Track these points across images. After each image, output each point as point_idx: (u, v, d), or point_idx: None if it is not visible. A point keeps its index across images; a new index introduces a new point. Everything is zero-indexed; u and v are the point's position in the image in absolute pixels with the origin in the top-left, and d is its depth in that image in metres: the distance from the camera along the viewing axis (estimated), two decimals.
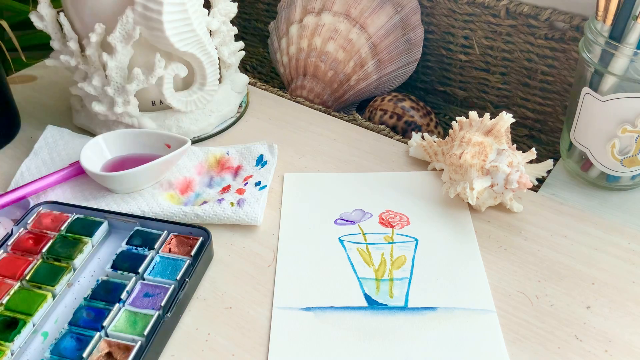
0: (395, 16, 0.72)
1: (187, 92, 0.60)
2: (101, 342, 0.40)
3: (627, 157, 0.50)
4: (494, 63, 0.73)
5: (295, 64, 0.74)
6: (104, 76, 0.57)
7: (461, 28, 0.72)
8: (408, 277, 0.46)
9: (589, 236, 0.50)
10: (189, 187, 0.55)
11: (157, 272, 0.45)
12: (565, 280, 0.46)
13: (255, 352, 0.41)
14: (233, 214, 0.50)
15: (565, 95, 0.69)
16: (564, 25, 0.64)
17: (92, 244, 0.47)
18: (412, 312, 0.43)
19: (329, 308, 0.44)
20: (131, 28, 0.53)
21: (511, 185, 0.49)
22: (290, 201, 0.54)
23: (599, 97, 0.49)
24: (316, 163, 0.59)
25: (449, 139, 0.55)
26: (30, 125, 0.65)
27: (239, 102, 0.66)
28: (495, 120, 0.51)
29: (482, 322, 0.42)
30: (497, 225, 0.51)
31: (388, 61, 0.73)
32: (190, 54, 0.56)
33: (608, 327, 0.42)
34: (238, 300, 0.45)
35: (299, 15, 0.75)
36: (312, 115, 0.66)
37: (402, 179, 0.56)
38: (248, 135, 0.63)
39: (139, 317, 0.41)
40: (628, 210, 0.52)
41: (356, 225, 0.51)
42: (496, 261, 0.47)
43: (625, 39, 0.47)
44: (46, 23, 0.58)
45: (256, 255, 0.49)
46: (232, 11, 0.61)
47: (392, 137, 0.63)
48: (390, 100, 0.71)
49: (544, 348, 0.41)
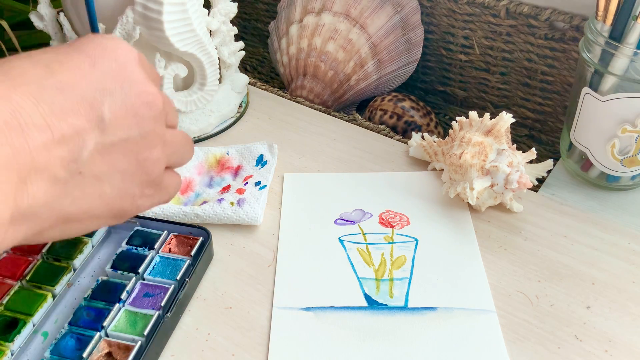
0: (395, 16, 0.72)
1: (187, 92, 0.60)
2: (101, 342, 0.40)
3: (627, 157, 0.50)
4: (494, 63, 0.73)
5: (295, 64, 0.74)
6: None
7: (461, 28, 0.72)
8: (408, 277, 0.46)
9: (589, 236, 0.50)
10: (189, 187, 0.55)
11: (157, 272, 0.45)
12: (565, 280, 0.46)
13: (255, 352, 0.41)
14: (233, 214, 0.50)
15: (565, 95, 0.69)
16: (564, 25, 0.64)
17: (92, 244, 0.47)
18: (412, 312, 0.43)
19: (329, 308, 0.44)
20: (131, 28, 0.53)
21: (511, 185, 0.49)
22: (290, 201, 0.54)
23: (599, 97, 0.49)
24: (316, 163, 0.59)
25: (449, 139, 0.55)
26: None
27: (239, 102, 0.66)
28: (495, 120, 0.51)
29: (482, 322, 0.42)
30: (497, 225, 0.51)
31: (388, 61, 0.73)
32: (190, 54, 0.56)
33: (608, 327, 0.42)
34: (238, 300, 0.45)
35: (299, 15, 0.75)
36: (312, 115, 0.66)
37: (402, 179, 0.56)
38: (248, 135, 0.63)
39: (139, 317, 0.41)
40: (628, 210, 0.52)
41: (356, 225, 0.51)
42: (496, 261, 0.47)
43: (625, 39, 0.47)
44: (46, 23, 0.58)
45: (256, 255, 0.49)
46: (232, 11, 0.61)
47: (392, 137, 0.63)
48: (390, 100, 0.71)
49: (544, 348, 0.41)
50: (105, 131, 0.28)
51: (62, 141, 0.26)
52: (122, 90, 0.29)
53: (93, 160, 0.28)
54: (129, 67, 0.30)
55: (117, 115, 0.29)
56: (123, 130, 0.29)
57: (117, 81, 0.29)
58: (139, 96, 0.30)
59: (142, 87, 0.30)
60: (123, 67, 0.29)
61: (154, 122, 0.30)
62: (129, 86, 0.29)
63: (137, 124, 0.29)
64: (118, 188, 0.30)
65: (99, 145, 0.28)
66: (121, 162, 0.29)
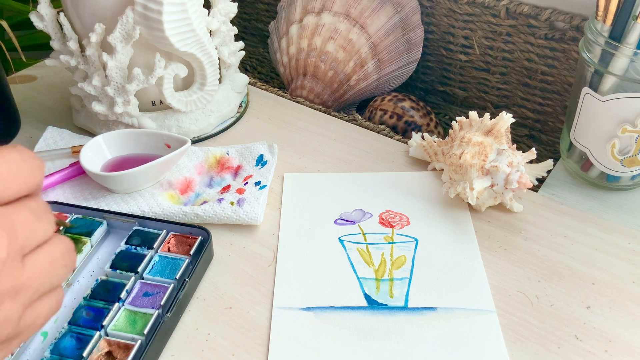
0: (395, 16, 0.72)
1: (187, 92, 0.60)
2: (101, 341, 0.40)
3: (627, 157, 0.50)
4: (494, 63, 0.73)
5: (295, 64, 0.74)
6: (104, 76, 0.57)
7: (461, 28, 0.72)
8: (408, 277, 0.46)
9: (589, 236, 0.50)
10: (189, 187, 0.55)
11: (157, 271, 0.45)
12: (565, 280, 0.46)
13: (255, 352, 0.41)
14: (233, 214, 0.50)
15: (565, 95, 0.69)
16: (564, 25, 0.64)
17: (91, 244, 0.47)
18: (412, 312, 0.43)
19: (329, 308, 0.44)
20: (131, 28, 0.53)
21: (511, 185, 0.49)
22: (290, 201, 0.54)
23: (599, 97, 0.49)
24: (316, 163, 0.59)
25: (449, 139, 0.55)
26: (30, 125, 0.65)
27: (239, 102, 0.66)
28: (495, 120, 0.51)
29: (482, 322, 0.42)
30: (497, 225, 0.51)
31: (388, 61, 0.73)
32: (190, 54, 0.56)
33: (608, 327, 0.42)
34: (238, 300, 0.45)
35: (299, 15, 0.75)
36: (312, 115, 0.66)
37: (402, 179, 0.56)
38: (248, 135, 0.63)
39: (139, 316, 0.41)
40: (628, 210, 0.52)
41: (356, 225, 0.51)
42: (496, 261, 0.47)
43: (625, 39, 0.47)
44: (46, 23, 0.58)
45: (256, 255, 0.49)
46: (232, 11, 0.61)
47: (392, 137, 0.63)
48: (390, 100, 0.71)
49: (544, 348, 0.41)
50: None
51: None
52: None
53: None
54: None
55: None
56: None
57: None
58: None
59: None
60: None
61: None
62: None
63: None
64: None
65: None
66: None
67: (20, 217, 0.25)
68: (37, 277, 0.26)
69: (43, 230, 0.26)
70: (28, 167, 0.26)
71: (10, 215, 0.24)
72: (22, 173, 0.25)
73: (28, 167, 0.26)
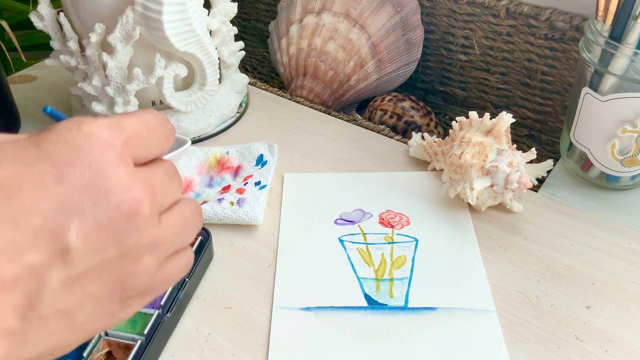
0: (395, 16, 0.72)
1: (187, 92, 0.60)
2: (101, 341, 0.40)
3: (627, 157, 0.50)
4: (494, 63, 0.73)
5: (295, 64, 0.74)
6: (104, 76, 0.57)
7: (461, 28, 0.72)
8: (408, 277, 0.46)
9: (589, 236, 0.50)
10: (189, 187, 0.55)
11: None
12: (566, 280, 0.46)
13: (255, 352, 0.41)
14: (233, 214, 0.50)
15: (565, 95, 0.69)
16: (564, 25, 0.64)
17: None
18: (412, 312, 0.43)
19: (329, 308, 0.44)
20: (131, 28, 0.53)
21: (511, 185, 0.49)
22: (290, 201, 0.54)
23: (599, 97, 0.49)
24: (316, 163, 0.59)
25: (449, 139, 0.55)
26: (30, 125, 0.65)
27: (239, 102, 0.66)
28: (495, 120, 0.51)
29: (482, 322, 0.42)
30: (497, 225, 0.51)
31: (388, 61, 0.73)
32: (190, 54, 0.56)
33: (608, 327, 0.42)
34: (238, 300, 0.45)
35: (299, 15, 0.75)
36: (312, 115, 0.66)
37: (402, 179, 0.56)
38: (248, 135, 0.63)
39: (139, 316, 0.41)
40: (628, 210, 0.52)
41: (356, 225, 0.51)
42: (496, 261, 0.47)
43: (625, 39, 0.47)
44: (46, 23, 0.58)
45: (256, 255, 0.49)
46: (232, 11, 0.61)
47: (392, 137, 0.63)
48: (390, 100, 0.71)
49: (544, 348, 0.41)
50: (72, 262, 0.23)
51: (15, 286, 0.22)
52: (95, 206, 0.23)
53: (57, 297, 0.23)
54: (105, 171, 0.24)
55: (88, 239, 0.23)
56: (96, 254, 0.24)
57: (89, 195, 0.23)
58: (118, 208, 0.24)
59: (122, 195, 0.24)
60: (98, 174, 0.24)
61: (139, 233, 0.25)
62: (104, 198, 0.24)
63: (115, 242, 0.24)
64: (92, 313, 0.25)
65: (64, 279, 0.23)
66: (95, 288, 0.24)
67: (157, 177, 0.26)
68: (172, 234, 0.27)
69: (175, 190, 0.28)
70: (162, 131, 0.27)
71: (150, 175, 0.26)
72: (158, 135, 0.27)
73: (162, 131, 0.27)
